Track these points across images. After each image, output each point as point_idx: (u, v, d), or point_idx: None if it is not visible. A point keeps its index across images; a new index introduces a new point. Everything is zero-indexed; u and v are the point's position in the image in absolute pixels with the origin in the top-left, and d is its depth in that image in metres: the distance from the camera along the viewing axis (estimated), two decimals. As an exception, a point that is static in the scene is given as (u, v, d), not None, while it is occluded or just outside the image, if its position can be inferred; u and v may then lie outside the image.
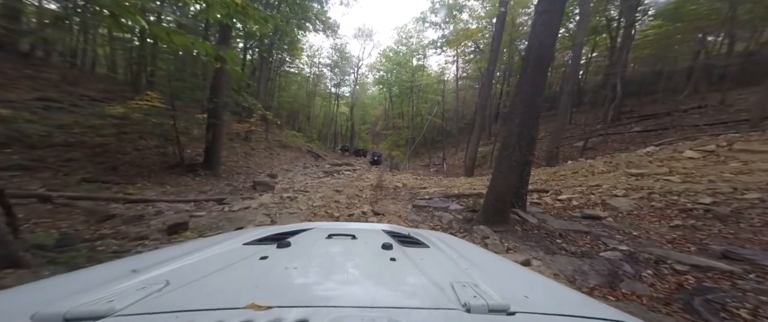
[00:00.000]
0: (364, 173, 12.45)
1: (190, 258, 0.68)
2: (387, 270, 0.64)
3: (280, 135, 18.76)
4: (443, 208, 5.02)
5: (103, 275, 0.58)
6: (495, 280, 0.64)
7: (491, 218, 3.46)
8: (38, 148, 5.67)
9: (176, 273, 0.57)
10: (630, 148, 7.79)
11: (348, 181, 9.25)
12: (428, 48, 22.90)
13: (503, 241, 2.95)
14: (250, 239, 0.87)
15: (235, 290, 0.49)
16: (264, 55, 16.26)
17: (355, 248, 0.84)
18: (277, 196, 6.62)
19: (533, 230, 3.26)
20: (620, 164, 5.78)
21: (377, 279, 0.60)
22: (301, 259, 0.68)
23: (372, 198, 6.53)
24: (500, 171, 3.44)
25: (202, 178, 7.49)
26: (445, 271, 0.66)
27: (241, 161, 11.64)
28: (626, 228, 3.08)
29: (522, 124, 3.29)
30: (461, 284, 0.51)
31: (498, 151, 3.64)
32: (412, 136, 22.11)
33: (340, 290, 0.52)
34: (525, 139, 3.36)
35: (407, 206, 5.68)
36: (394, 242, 0.85)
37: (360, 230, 1.02)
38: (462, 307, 0.43)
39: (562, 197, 4.55)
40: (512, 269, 0.81)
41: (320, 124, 32.69)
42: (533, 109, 3.35)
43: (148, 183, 6.25)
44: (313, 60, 27.97)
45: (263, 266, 0.62)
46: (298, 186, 8.02)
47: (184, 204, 4.88)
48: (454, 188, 7.08)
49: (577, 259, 2.33)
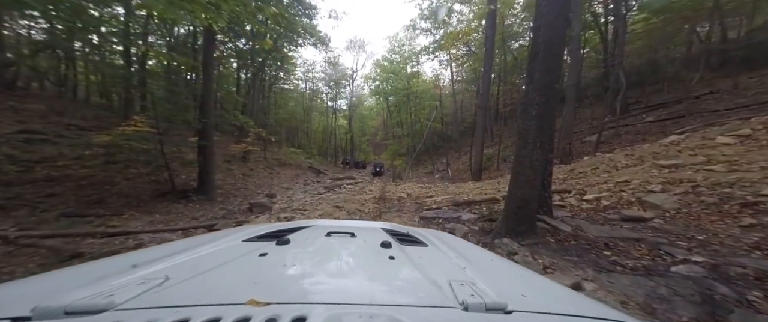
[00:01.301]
0: (366, 186, 11.97)
1: (189, 254, 0.69)
2: (385, 268, 0.64)
3: (278, 153, 18.50)
4: (455, 219, 4.52)
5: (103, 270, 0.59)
6: (493, 279, 0.65)
7: (515, 228, 2.96)
8: (15, 185, 5.29)
9: (176, 269, 0.57)
10: (647, 139, 7.31)
11: (349, 195, 8.76)
12: (421, 54, 23.07)
13: (536, 256, 2.44)
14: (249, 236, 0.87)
15: (234, 286, 0.49)
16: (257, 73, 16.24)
17: (354, 245, 0.83)
18: (274, 217, 6.13)
19: (569, 241, 2.75)
20: (645, 155, 5.29)
21: (376, 277, 0.60)
22: (301, 256, 0.68)
23: (375, 212, 6.02)
24: (520, 173, 2.98)
25: (195, 204, 7.03)
26: (443, 269, 0.65)
27: (238, 182, 11.24)
28: (685, 231, 2.56)
29: (540, 116, 2.85)
30: (459, 283, 0.51)
31: (515, 151, 3.20)
32: (413, 144, 21.78)
33: (339, 288, 0.52)
34: (545, 133, 2.92)
35: (414, 218, 5.18)
36: (393, 241, 0.83)
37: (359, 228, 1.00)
38: (460, 305, 0.43)
39: (589, 197, 4.04)
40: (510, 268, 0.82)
41: (320, 140, 32.55)
42: (551, 98, 2.93)
43: (137, 213, 5.81)
44: (308, 75, 28.20)
45: (262, 262, 0.62)
46: (297, 205, 7.53)
47: (170, 234, 4.40)
48: (463, 195, 6.58)
49: (643, 277, 1.80)
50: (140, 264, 0.59)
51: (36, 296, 0.41)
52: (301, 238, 0.85)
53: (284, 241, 0.76)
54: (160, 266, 0.58)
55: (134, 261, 0.61)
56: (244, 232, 0.94)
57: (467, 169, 15.99)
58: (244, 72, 17.68)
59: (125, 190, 6.73)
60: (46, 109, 8.42)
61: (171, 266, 0.59)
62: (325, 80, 29.66)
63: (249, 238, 0.85)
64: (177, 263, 0.61)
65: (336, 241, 0.86)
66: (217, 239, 0.85)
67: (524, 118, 3.02)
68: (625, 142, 7.78)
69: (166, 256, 0.65)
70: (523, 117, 3.05)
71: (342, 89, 31.84)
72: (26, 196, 5.07)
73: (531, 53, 3.21)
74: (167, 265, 0.59)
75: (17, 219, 4.34)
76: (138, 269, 0.56)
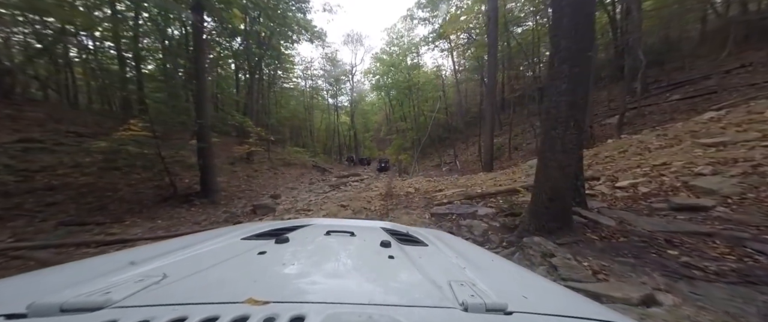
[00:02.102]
0: (372, 182, 11.65)
1: (188, 252, 0.68)
2: (385, 268, 0.63)
3: (282, 153, 18.34)
4: (470, 214, 4.12)
5: (100, 267, 0.58)
6: (493, 279, 0.63)
7: (546, 224, 2.56)
8: (14, 195, 5.14)
9: (174, 266, 0.56)
10: (676, 118, 6.72)
11: (355, 192, 8.44)
12: (420, 45, 22.37)
13: (579, 258, 2.02)
14: (248, 234, 0.86)
15: (232, 284, 0.48)
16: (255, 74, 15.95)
17: (354, 245, 0.82)
18: (278, 219, 5.88)
19: (616, 237, 2.32)
20: (681, 135, 4.76)
21: (375, 277, 0.59)
22: (299, 255, 0.68)
23: (382, 210, 5.69)
24: (550, 158, 2.55)
25: (198, 207, 6.84)
26: (443, 269, 0.64)
27: (243, 184, 11.07)
28: (765, 220, 2.12)
29: (572, 89, 2.40)
30: (459, 283, 0.51)
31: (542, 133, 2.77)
32: (418, 138, 21.32)
33: (338, 287, 0.51)
34: (579, 109, 2.49)
35: (424, 214, 4.83)
36: (392, 240, 0.83)
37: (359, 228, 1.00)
38: (460, 306, 0.43)
39: (622, 184, 3.58)
40: (510, 269, 0.81)
41: (323, 138, 32.32)
42: (585, 67, 2.49)
43: (138, 219, 5.63)
44: (307, 73, 27.79)
45: (261, 261, 0.62)
46: (301, 205, 7.26)
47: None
48: (475, 187, 6.17)
49: (742, 287, 1.39)
50: (138, 262, 0.58)
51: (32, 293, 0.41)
52: (300, 237, 0.84)
53: (283, 239, 0.75)
54: (157, 263, 0.58)
55: (132, 258, 0.60)
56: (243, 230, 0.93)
57: (476, 160, 15.50)
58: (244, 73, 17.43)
59: (127, 196, 6.57)
60: (45, 117, 8.31)
61: (169, 263, 0.59)
62: (324, 77, 29.25)
63: (248, 236, 0.84)
64: (175, 261, 0.60)
65: (335, 240, 0.85)
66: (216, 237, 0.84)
67: (552, 95, 2.57)
68: (652, 123, 7.19)
69: (164, 253, 0.65)
70: (551, 93, 2.60)
71: (342, 85, 31.42)
72: (25, 206, 4.92)
73: (554, 19, 2.75)
74: (165, 262, 0.59)
75: (15, 229, 4.17)
76: (136, 267, 0.55)
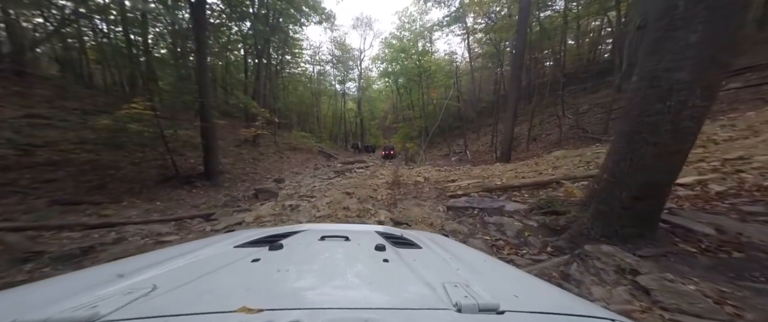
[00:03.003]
0: (377, 170, 11.28)
1: (178, 262, 0.67)
2: (380, 271, 0.63)
3: (289, 138, 18.17)
4: (495, 210, 3.60)
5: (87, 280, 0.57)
6: (486, 280, 0.64)
7: (621, 230, 1.97)
8: (13, 169, 5.06)
9: (164, 277, 0.56)
10: (739, 108, 5.88)
11: (360, 180, 8.11)
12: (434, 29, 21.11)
13: (678, 277, 1.42)
14: (241, 242, 0.85)
15: (225, 293, 0.48)
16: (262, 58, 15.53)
17: (348, 249, 0.81)
18: (279, 204, 5.63)
19: (727, 250, 1.74)
20: (755, 125, 4.05)
21: (370, 281, 0.59)
22: (294, 261, 0.67)
23: (389, 199, 5.33)
24: (648, 142, 1.83)
25: (200, 189, 6.69)
26: (437, 272, 0.65)
27: (248, 167, 10.94)
28: None
29: (709, 39, 1.61)
30: (453, 285, 0.51)
31: (638, 108, 1.94)
32: (425, 126, 20.65)
33: (333, 292, 0.51)
34: (715, 67, 1.67)
35: (437, 207, 4.43)
36: (387, 244, 0.83)
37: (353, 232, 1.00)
38: (453, 307, 0.43)
39: (686, 181, 2.94)
40: (503, 270, 0.81)
41: (330, 124, 31.99)
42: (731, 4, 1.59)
43: (137, 200, 5.50)
44: (315, 58, 27.04)
45: (255, 268, 0.61)
46: (305, 191, 7.00)
47: (162, 225, 3.96)
48: (493, 179, 5.69)
49: None
50: (126, 273, 0.57)
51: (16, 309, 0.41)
52: (294, 243, 0.83)
53: (277, 246, 0.75)
54: (147, 275, 0.57)
55: (120, 271, 0.59)
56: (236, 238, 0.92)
57: (488, 150, 14.83)
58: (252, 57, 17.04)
59: (129, 175, 6.46)
60: (54, 94, 8.23)
61: (159, 274, 0.58)
62: (332, 62, 28.41)
63: (241, 244, 0.83)
64: (165, 272, 0.60)
65: (329, 245, 0.84)
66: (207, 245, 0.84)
67: (665, 54, 1.76)
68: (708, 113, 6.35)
69: (154, 264, 0.64)
70: (663, 52, 1.78)
71: (350, 72, 30.55)
72: (21, 181, 4.82)
73: None
74: (155, 273, 0.58)
75: (5, 207, 4.05)
76: (124, 279, 0.54)
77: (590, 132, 9.65)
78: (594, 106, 12.52)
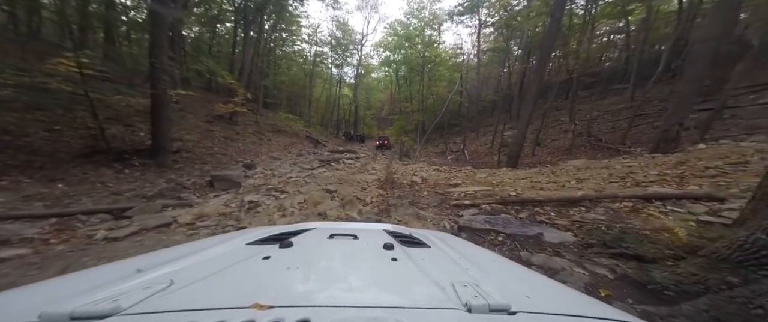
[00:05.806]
0: (368, 163, 10.03)
1: (193, 258, 0.69)
2: (388, 270, 0.63)
3: (274, 118, 16.48)
4: (532, 238, 2.48)
5: (108, 275, 0.59)
6: (496, 280, 0.65)
7: None
8: None
9: (180, 273, 0.57)
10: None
11: (347, 173, 6.84)
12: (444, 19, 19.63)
13: None
14: (252, 239, 0.88)
15: (238, 289, 0.49)
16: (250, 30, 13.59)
17: (357, 248, 0.83)
18: (237, 200, 4.30)
19: None
20: None
21: (379, 279, 0.59)
22: (304, 259, 0.68)
23: (380, 203, 4.13)
24: None
25: (136, 169, 5.21)
26: (446, 271, 0.65)
27: (216, 146, 9.38)
28: None
29: None
30: (462, 284, 0.51)
31: None
32: (422, 120, 19.46)
33: (342, 290, 0.52)
34: None
35: (442, 221, 3.29)
36: (395, 242, 0.83)
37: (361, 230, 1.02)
38: (463, 307, 0.43)
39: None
40: (513, 269, 0.80)
41: (322, 109, 30.12)
42: None
43: (27, 179, 3.99)
44: (312, 37, 24.83)
45: (266, 266, 0.62)
46: (277, 182, 5.67)
47: (30, 223, 2.56)
48: (505, 187, 4.59)
49: None
50: (145, 268, 0.59)
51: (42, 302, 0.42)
52: (303, 241, 0.85)
53: (287, 244, 0.76)
54: (164, 270, 0.58)
55: (139, 266, 0.61)
56: (247, 235, 0.96)
57: (488, 151, 13.85)
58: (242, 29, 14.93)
59: (37, 144, 4.88)
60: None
61: (175, 270, 0.59)
62: (331, 44, 26.27)
63: (252, 241, 0.85)
64: (181, 268, 0.61)
65: (339, 243, 0.85)
66: (220, 242, 0.87)
67: None
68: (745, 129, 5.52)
69: (170, 260, 0.66)
70: None
71: (349, 56, 28.56)
72: None
73: None
74: (171, 269, 0.59)
75: None
76: (143, 274, 0.56)
77: (605, 141, 8.76)
78: (603, 114, 11.77)
